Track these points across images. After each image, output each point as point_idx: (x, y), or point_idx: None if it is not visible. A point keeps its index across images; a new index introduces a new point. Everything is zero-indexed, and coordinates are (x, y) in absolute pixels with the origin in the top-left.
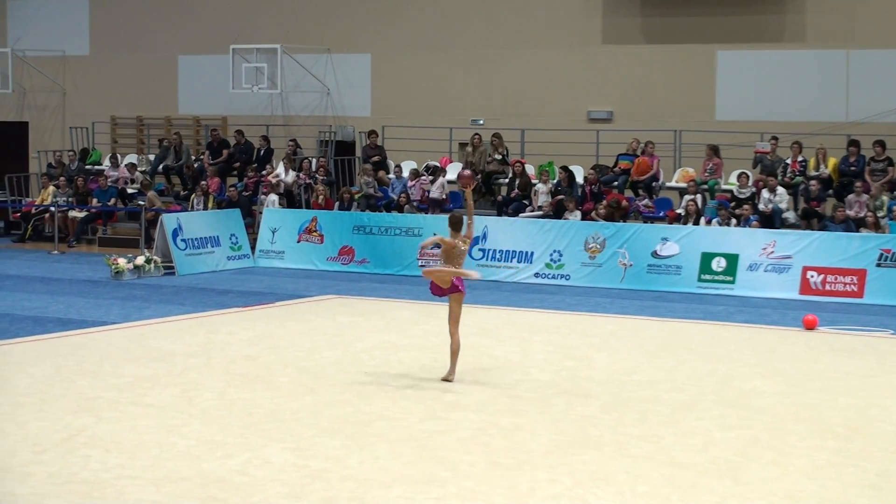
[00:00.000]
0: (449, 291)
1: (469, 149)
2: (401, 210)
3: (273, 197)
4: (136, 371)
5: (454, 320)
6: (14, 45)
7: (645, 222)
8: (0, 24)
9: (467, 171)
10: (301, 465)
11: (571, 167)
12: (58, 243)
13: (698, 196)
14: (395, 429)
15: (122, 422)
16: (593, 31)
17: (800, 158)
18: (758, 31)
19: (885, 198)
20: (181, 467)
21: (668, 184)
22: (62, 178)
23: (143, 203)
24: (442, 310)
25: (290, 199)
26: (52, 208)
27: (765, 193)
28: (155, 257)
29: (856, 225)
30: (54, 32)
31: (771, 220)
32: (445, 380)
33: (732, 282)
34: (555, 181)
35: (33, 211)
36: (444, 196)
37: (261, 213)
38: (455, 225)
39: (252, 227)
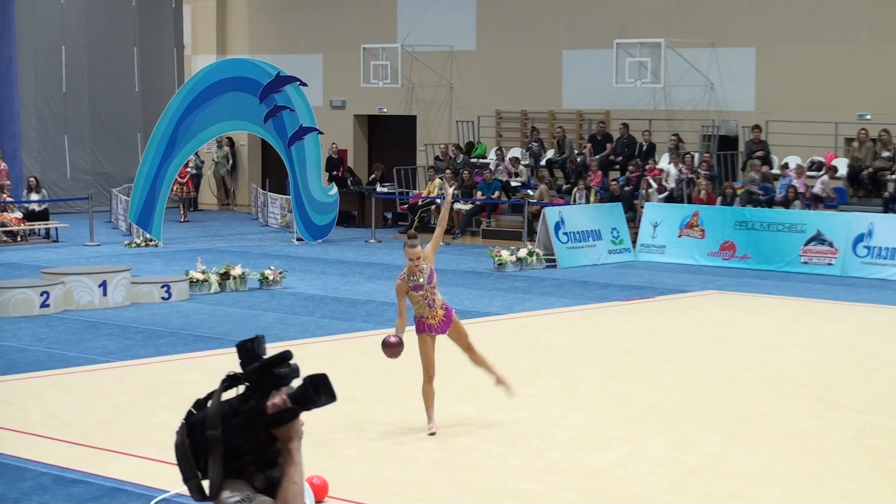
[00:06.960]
0: (444, 328)
1: (855, 144)
2: (786, 206)
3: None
4: (518, 362)
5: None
6: (404, 40)
7: None
8: (391, 20)
9: (393, 338)
10: (680, 461)
11: None
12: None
13: None
14: (775, 426)
15: (504, 412)
16: None
17: None
18: None
19: None
20: (560, 458)
21: None
22: (448, 171)
23: (531, 193)
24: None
25: (669, 193)
26: (438, 200)
27: None
28: (537, 250)
29: None
30: (442, 28)
31: None
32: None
33: None
34: None
35: (420, 203)
36: (826, 193)
37: (642, 207)
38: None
39: (633, 221)
